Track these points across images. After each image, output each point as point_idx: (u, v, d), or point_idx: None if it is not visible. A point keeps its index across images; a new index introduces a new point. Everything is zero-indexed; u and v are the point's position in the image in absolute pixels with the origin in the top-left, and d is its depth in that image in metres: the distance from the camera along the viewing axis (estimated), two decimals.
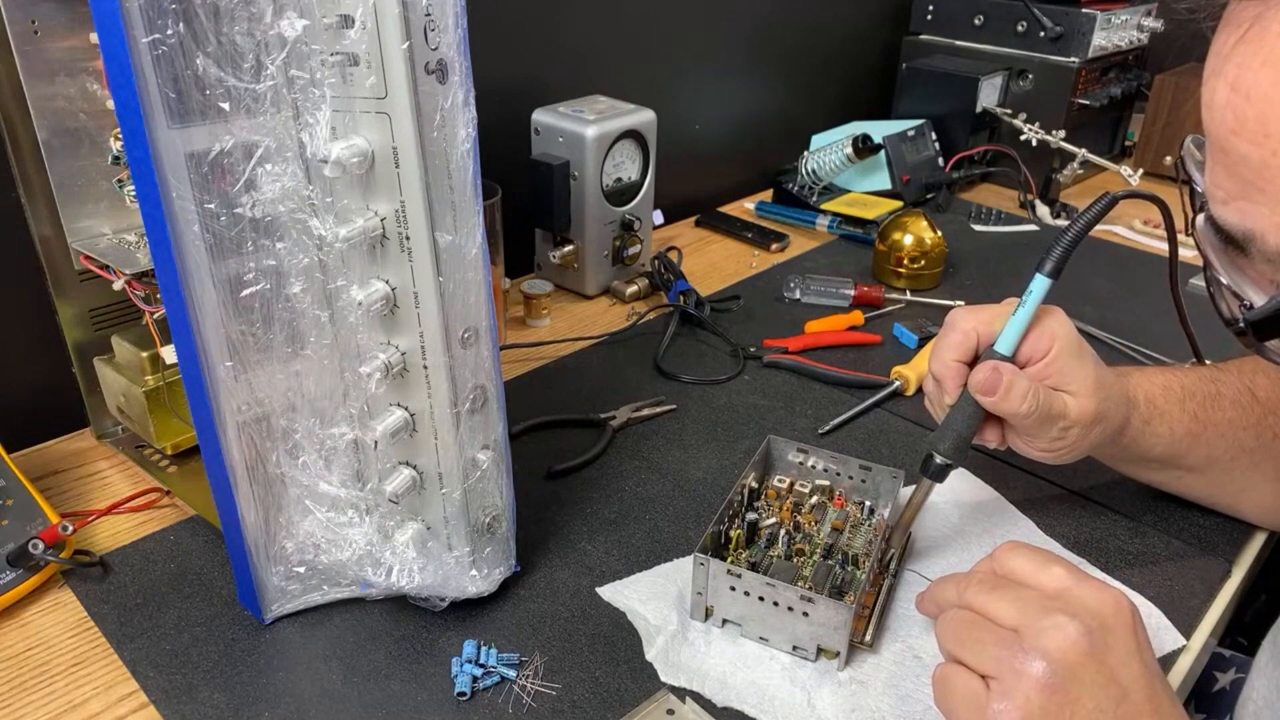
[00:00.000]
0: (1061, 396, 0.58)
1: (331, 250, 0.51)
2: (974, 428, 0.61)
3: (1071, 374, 0.58)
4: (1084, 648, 0.43)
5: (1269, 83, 0.33)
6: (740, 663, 0.58)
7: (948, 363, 0.60)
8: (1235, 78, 0.34)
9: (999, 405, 0.58)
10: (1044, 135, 1.33)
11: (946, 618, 0.49)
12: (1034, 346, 0.59)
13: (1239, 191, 0.36)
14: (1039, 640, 0.44)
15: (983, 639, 0.46)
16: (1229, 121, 0.35)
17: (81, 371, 0.76)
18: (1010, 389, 0.57)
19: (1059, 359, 0.58)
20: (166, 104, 0.46)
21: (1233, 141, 0.35)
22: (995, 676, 0.44)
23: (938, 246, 1.09)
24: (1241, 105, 0.34)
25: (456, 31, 0.48)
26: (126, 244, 0.69)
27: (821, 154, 1.30)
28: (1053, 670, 0.43)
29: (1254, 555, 0.70)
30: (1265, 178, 0.34)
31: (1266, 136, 0.33)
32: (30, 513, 0.66)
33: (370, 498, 0.58)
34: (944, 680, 0.47)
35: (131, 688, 0.57)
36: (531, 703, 0.56)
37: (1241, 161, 0.35)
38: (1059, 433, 0.59)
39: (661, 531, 0.70)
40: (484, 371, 0.56)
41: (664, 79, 1.27)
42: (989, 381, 0.57)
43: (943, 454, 0.61)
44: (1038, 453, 0.61)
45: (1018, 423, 0.59)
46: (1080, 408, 0.58)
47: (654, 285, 1.09)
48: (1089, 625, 0.44)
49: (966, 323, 0.60)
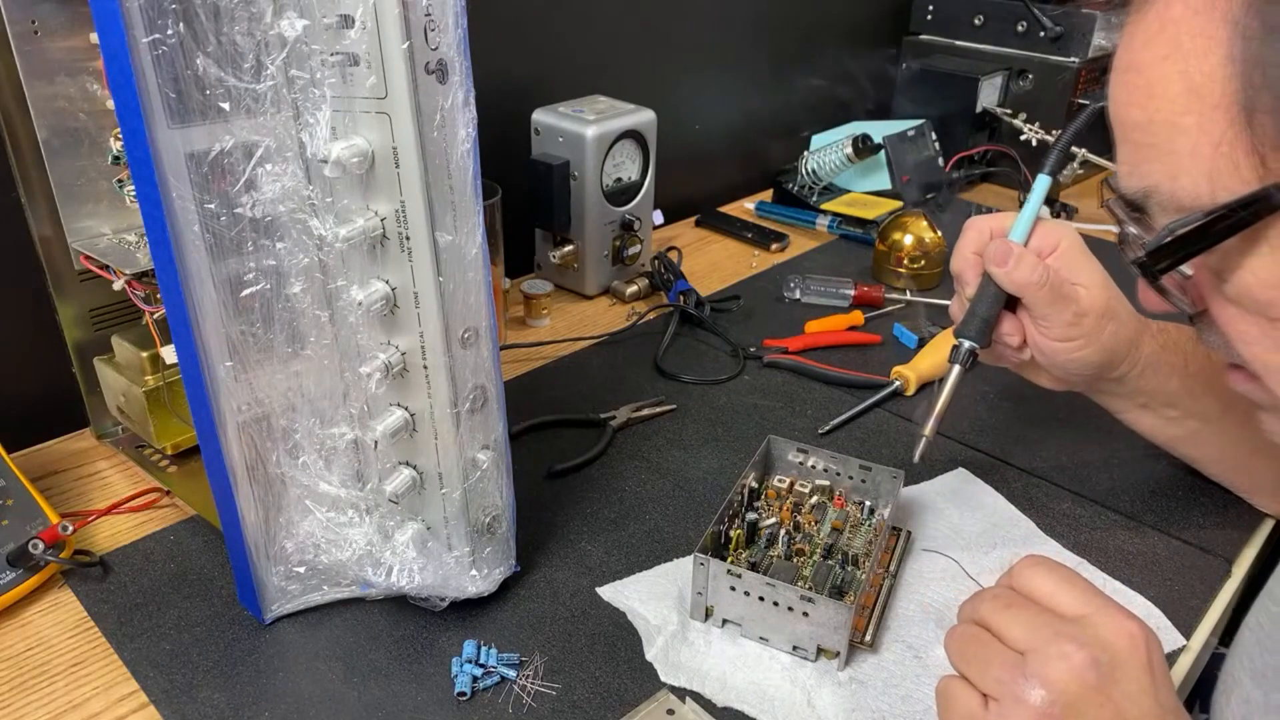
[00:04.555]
0: (1073, 285, 0.62)
1: (331, 250, 0.51)
2: (995, 310, 0.63)
3: (1080, 267, 0.62)
4: (1090, 680, 0.42)
5: (1150, 55, 0.39)
6: (740, 663, 0.58)
7: (966, 256, 0.65)
8: (1124, 59, 0.41)
9: (1012, 274, 0.61)
10: (1044, 135, 1.33)
11: (956, 630, 0.48)
12: (1042, 242, 0.63)
13: (1138, 157, 0.41)
14: (1043, 667, 0.43)
15: (989, 657, 0.45)
16: (1122, 96, 0.41)
17: (81, 371, 0.76)
18: (1020, 260, 0.61)
19: (1067, 254, 0.62)
20: (166, 104, 0.46)
21: (1126, 112, 0.41)
22: (995, 698, 0.44)
23: (938, 246, 1.09)
24: (1130, 78, 0.41)
25: (456, 31, 0.48)
26: (126, 244, 0.69)
27: (821, 154, 1.30)
28: (1052, 700, 0.42)
29: (1254, 555, 0.70)
30: (1154, 133, 0.40)
31: (1150, 98, 0.40)
32: (30, 513, 0.66)
33: (370, 498, 0.58)
34: (945, 693, 0.47)
35: (131, 688, 0.57)
36: (531, 703, 0.56)
37: (1134, 128, 0.41)
38: (1074, 319, 0.61)
39: (661, 531, 0.70)
40: (484, 371, 0.56)
41: (664, 79, 1.27)
42: (999, 251, 0.62)
43: (968, 337, 0.64)
44: (1055, 343, 0.62)
45: (1031, 300, 0.62)
46: (1091, 297, 0.62)
47: (654, 285, 1.09)
48: (1097, 657, 0.42)
49: (982, 222, 0.66)
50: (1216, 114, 0.37)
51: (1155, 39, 0.39)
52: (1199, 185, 0.39)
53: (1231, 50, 0.36)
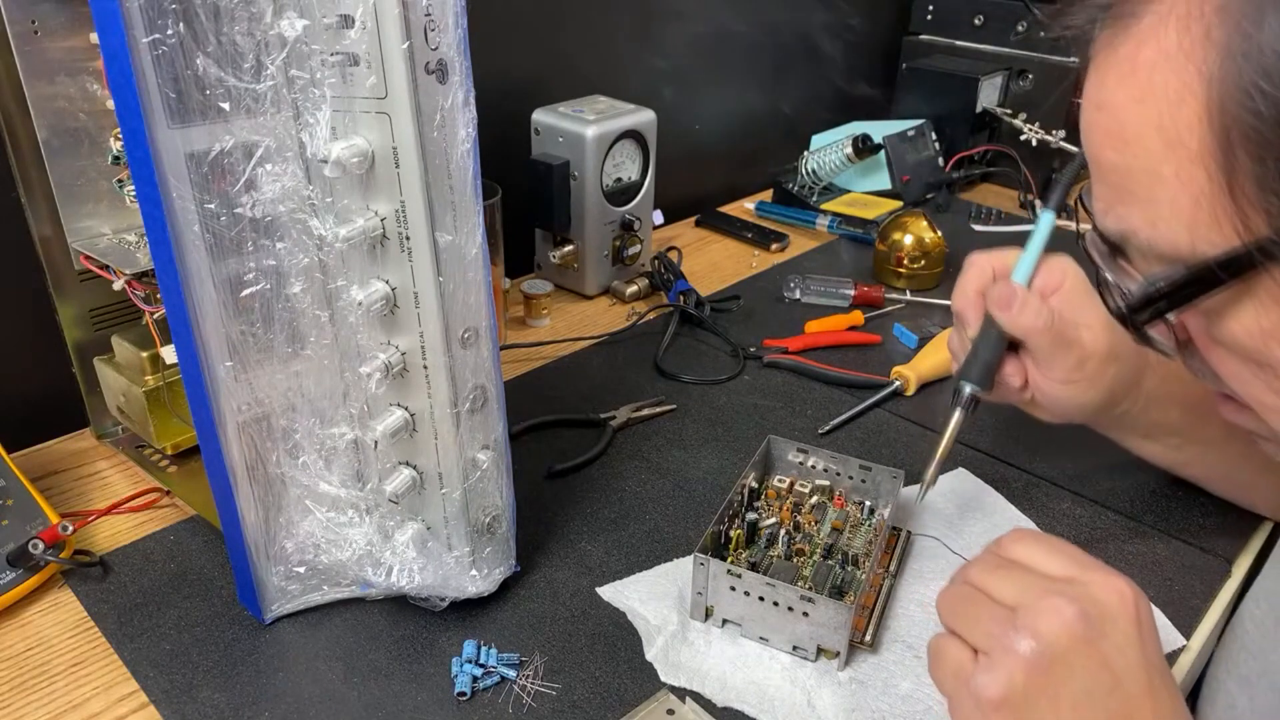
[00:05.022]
0: (1076, 326, 0.61)
1: (331, 250, 0.51)
2: (998, 354, 0.62)
3: (1084, 307, 0.61)
4: (1078, 632, 0.43)
5: (1123, 97, 0.38)
6: (740, 663, 0.58)
7: (968, 295, 0.64)
8: (1096, 97, 0.39)
9: (1016, 320, 0.60)
10: (1044, 135, 1.33)
11: (947, 591, 0.49)
12: (1046, 280, 0.62)
13: (1115, 199, 0.40)
14: (1033, 620, 0.44)
15: (978, 613, 0.46)
16: (1096, 136, 0.40)
17: (81, 371, 0.76)
18: (1025, 304, 0.60)
19: (1071, 293, 0.61)
20: (166, 104, 0.46)
21: (1101, 153, 0.40)
22: (984, 651, 0.45)
23: (938, 246, 1.09)
24: (1104, 120, 0.39)
25: (456, 31, 0.48)
26: (126, 244, 0.69)
27: (821, 154, 1.30)
28: (1041, 651, 0.43)
29: (1254, 555, 0.70)
30: (1130, 179, 0.38)
31: (1125, 143, 0.38)
32: (30, 513, 0.66)
33: (370, 498, 0.58)
34: (936, 650, 0.48)
35: (131, 688, 0.57)
36: (531, 703, 0.56)
37: (1111, 170, 0.39)
38: (1076, 363, 0.61)
39: (661, 531, 0.70)
40: (484, 371, 0.56)
41: (664, 79, 1.27)
42: (1003, 295, 0.61)
43: (970, 380, 0.62)
44: (1057, 386, 0.62)
45: (1034, 344, 0.61)
46: (1095, 339, 0.61)
47: (654, 285, 1.09)
48: (1087, 611, 0.44)
49: (984, 260, 0.64)
50: (1195, 168, 0.36)
51: (1127, 80, 0.38)
52: (1178, 235, 0.37)
53: (1209, 105, 0.35)
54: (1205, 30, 0.34)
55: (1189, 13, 0.35)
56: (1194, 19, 0.35)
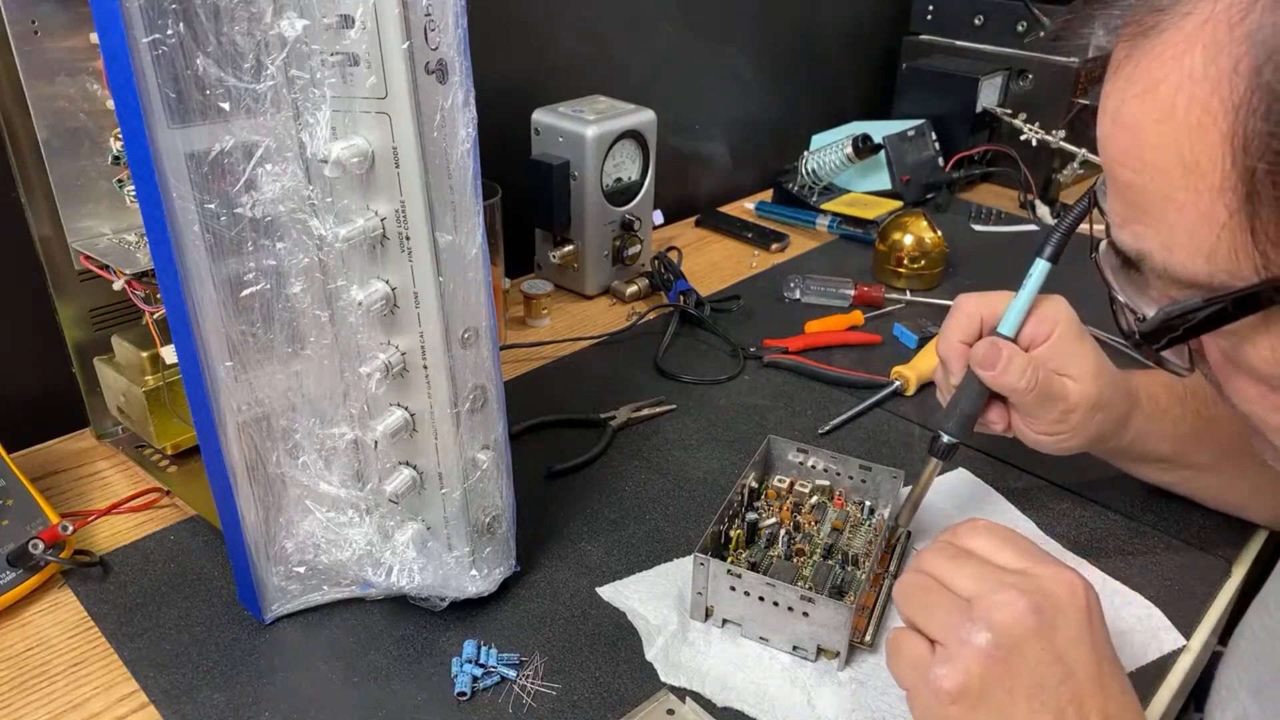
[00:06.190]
0: (1062, 379, 0.60)
1: (331, 250, 0.51)
2: (978, 406, 0.62)
3: (1072, 358, 0.60)
4: (1031, 624, 0.44)
5: (1141, 114, 0.36)
6: (740, 663, 0.58)
7: (953, 343, 0.63)
8: (1114, 111, 0.38)
9: (999, 380, 0.59)
10: (1044, 135, 1.33)
11: (904, 581, 0.50)
12: (1036, 330, 0.61)
13: (1131, 215, 0.38)
14: (989, 612, 0.45)
15: (935, 604, 0.47)
16: (1113, 151, 0.38)
17: (81, 371, 0.76)
18: (1009, 363, 0.59)
19: (1060, 342, 0.60)
20: (166, 104, 0.46)
21: (1118, 170, 0.38)
22: (941, 642, 0.46)
23: (938, 246, 1.09)
24: (1121, 136, 0.37)
25: (456, 31, 0.48)
26: (126, 244, 0.69)
27: (821, 154, 1.30)
28: (996, 642, 0.44)
29: (1254, 555, 0.70)
30: (1147, 200, 0.37)
31: (1143, 164, 0.36)
32: (30, 513, 0.66)
33: (370, 498, 0.58)
34: (894, 643, 0.49)
35: (131, 688, 0.57)
36: (531, 703, 0.56)
37: (1128, 188, 0.38)
38: (1060, 415, 0.60)
39: (661, 531, 0.70)
40: (484, 371, 0.56)
41: (664, 79, 1.27)
42: (988, 356, 0.60)
43: (948, 432, 0.62)
44: (1040, 436, 0.62)
45: (1018, 400, 0.60)
46: (1081, 391, 0.60)
47: (654, 285, 1.09)
48: (1040, 603, 0.45)
49: (971, 306, 0.63)
50: (1215, 202, 0.34)
51: (1146, 97, 0.36)
52: (1196, 262, 0.36)
53: (1232, 139, 0.33)
54: (1234, 63, 0.33)
55: (1215, 39, 0.33)
56: (1221, 48, 0.33)
